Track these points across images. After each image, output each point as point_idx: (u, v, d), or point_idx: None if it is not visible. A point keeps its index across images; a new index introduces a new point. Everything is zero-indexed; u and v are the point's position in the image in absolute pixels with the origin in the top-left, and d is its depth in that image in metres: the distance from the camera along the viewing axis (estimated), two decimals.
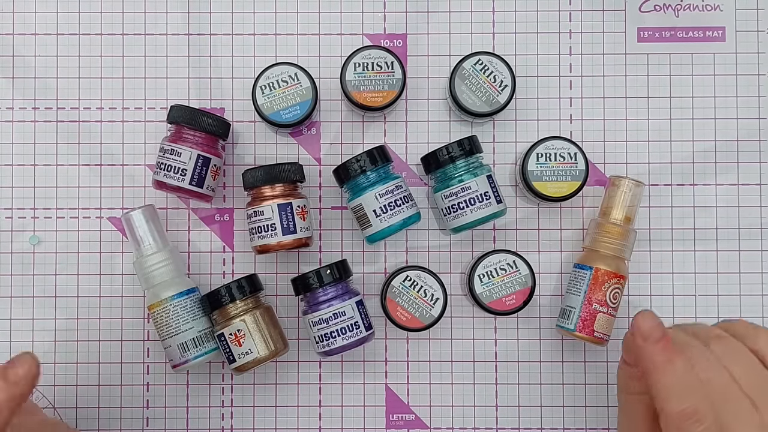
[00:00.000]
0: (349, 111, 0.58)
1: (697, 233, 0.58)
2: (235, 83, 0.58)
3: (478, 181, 0.53)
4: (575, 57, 0.59)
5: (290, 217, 0.52)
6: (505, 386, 0.58)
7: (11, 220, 0.58)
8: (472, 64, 0.55)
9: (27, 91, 0.58)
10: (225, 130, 0.55)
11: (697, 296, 0.58)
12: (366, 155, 0.53)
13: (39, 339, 0.57)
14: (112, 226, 0.58)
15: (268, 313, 0.54)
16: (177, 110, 0.54)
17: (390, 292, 0.55)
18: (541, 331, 0.58)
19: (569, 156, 0.55)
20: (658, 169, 0.58)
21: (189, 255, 0.58)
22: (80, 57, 0.58)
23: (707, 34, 0.59)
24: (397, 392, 0.58)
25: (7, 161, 0.58)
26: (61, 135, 0.58)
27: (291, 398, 0.58)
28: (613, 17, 0.59)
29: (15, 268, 0.58)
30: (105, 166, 0.58)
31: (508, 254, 0.55)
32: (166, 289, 0.53)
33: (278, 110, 0.55)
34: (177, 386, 0.57)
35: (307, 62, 0.58)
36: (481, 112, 0.55)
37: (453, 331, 0.58)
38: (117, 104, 0.58)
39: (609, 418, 0.57)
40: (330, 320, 0.52)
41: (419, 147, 0.58)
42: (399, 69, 0.55)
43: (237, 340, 0.52)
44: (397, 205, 0.52)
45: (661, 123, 0.58)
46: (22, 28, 0.58)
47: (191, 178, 0.53)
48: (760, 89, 0.58)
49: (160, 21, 0.58)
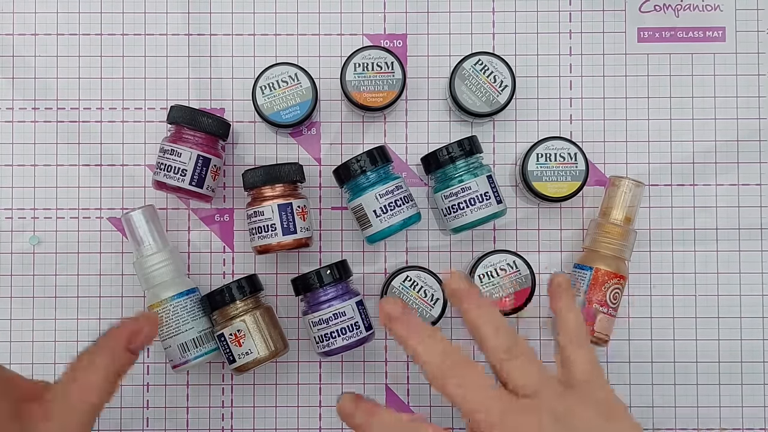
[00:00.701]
0: (349, 111, 0.58)
1: (697, 233, 0.58)
2: (235, 83, 0.58)
3: (478, 181, 0.53)
4: (575, 57, 0.59)
5: (290, 218, 0.52)
6: None
7: (11, 220, 0.58)
8: (472, 64, 0.55)
9: (27, 91, 0.58)
10: (225, 131, 0.55)
11: (697, 296, 0.58)
12: (366, 155, 0.53)
13: (39, 339, 0.57)
14: (112, 226, 0.58)
15: (268, 313, 0.54)
16: (177, 110, 0.54)
17: (390, 292, 0.55)
18: (541, 331, 0.58)
19: (569, 156, 0.55)
20: (658, 169, 0.58)
21: (189, 255, 0.58)
22: (80, 57, 0.58)
23: (707, 34, 0.59)
24: (397, 392, 0.58)
25: (7, 161, 0.58)
26: (61, 135, 0.58)
27: (291, 398, 0.58)
28: (613, 17, 0.59)
29: (15, 268, 0.58)
30: (105, 166, 0.58)
31: (508, 254, 0.55)
32: (166, 290, 0.53)
33: (278, 110, 0.55)
34: (177, 386, 0.57)
35: (307, 62, 0.58)
36: (481, 112, 0.55)
37: (453, 332, 0.58)
38: (117, 104, 0.58)
39: None
40: (330, 320, 0.52)
41: (419, 147, 0.58)
42: (399, 69, 0.55)
43: (237, 341, 0.52)
44: (397, 205, 0.52)
45: (661, 123, 0.58)
46: (22, 28, 0.58)
47: (191, 179, 0.53)
48: (760, 89, 0.58)
49: (160, 21, 0.58)
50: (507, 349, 0.42)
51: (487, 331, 0.42)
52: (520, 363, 0.42)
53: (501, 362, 0.42)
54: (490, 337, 0.42)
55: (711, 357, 0.57)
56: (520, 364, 0.41)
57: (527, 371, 0.41)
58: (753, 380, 0.57)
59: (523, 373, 0.41)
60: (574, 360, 0.43)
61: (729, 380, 0.57)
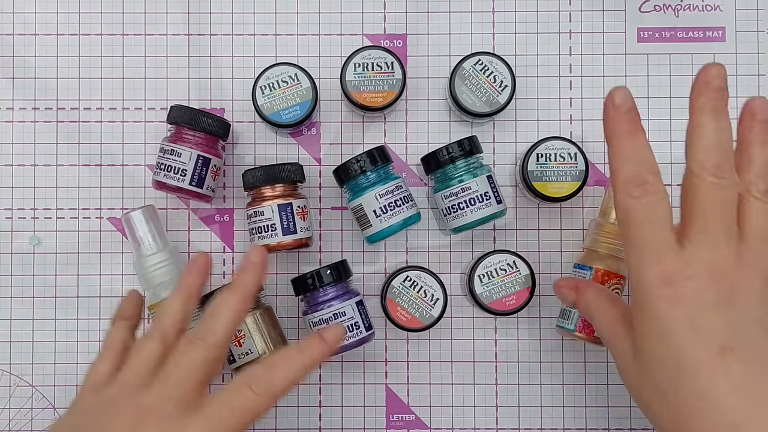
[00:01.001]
0: (349, 111, 0.58)
1: None
2: (235, 83, 0.58)
3: (478, 181, 0.53)
4: (575, 57, 0.59)
5: (290, 218, 0.52)
6: (505, 386, 0.58)
7: (11, 220, 0.58)
8: (472, 64, 0.55)
9: (27, 91, 0.58)
10: (225, 131, 0.55)
11: None
12: (366, 155, 0.53)
13: (39, 339, 0.57)
14: (112, 226, 0.58)
15: (268, 313, 0.54)
16: (177, 110, 0.54)
17: (390, 292, 0.55)
18: (541, 332, 0.58)
19: (569, 156, 0.55)
20: None
21: (189, 255, 0.58)
22: (80, 57, 0.58)
23: (707, 34, 0.59)
24: (397, 392, 0.58)
25: (7, 161, 0.58)
26: (61, 135, 0.58)
27: (291, 398, 0.58)
28: (613, 17, 0.59)
29: (15, 268, 0.58)
30: (105, 166, 0.58)
31: (508, 254, 0.55)
32: (166, 290, 0.53)
33: (278, 110, 0.55)
34: None
35: (307, 62, 0.58)
36: (481, 112, 0.55)
37: (453, 332, 0.58)
38: (117, 104, 0.58)
39: (609, 419, 0.57)
40: (330, 320, 0.52)
41: (419, 147, 0.58)
42: (399, 69, 0.55)
43: (237, 341, 0.52)
44: (397, 205, 0.53)
45: (661, 123, 0.58)
46: (22, 28, 0.58)
47: (191, 179, 0.53)
48: (760, 89, 0.58)
49: (160, 21, 0.58)
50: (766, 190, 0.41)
51: (760, 155, 0.41)
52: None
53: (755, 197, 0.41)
54: (758, 164, 0.41)
55: None
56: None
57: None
58: None
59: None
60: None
61: None
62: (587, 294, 0.48)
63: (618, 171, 0.41)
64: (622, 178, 0.41)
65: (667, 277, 0.40)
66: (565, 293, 0.50)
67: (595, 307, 0.47)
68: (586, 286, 0.49)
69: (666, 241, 0.40)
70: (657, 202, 0.41)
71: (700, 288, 0.39)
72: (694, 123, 0.41)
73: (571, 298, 0.50)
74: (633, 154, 0.41)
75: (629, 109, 0.41)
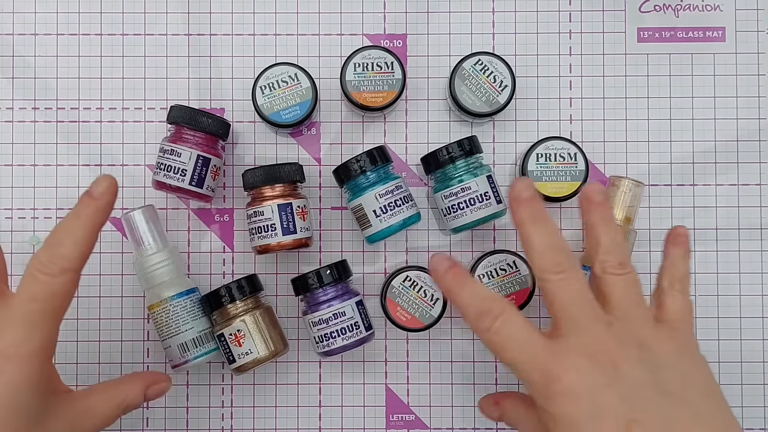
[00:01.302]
0: (349, 111, 0.58)
1: (697, 233, 0.58)
2: (235, 83, 0.58)
3: (478, 181, 0.53)
4: (575, 57, 0.59)
5: (290, 218, 0.52)
6: (505, 386, 0.58)
7: (11, 220, 0.58)
8: (472, 64, 0.55)
9: (27, 91, 0.58)
10: (225, 131, 0.55)
11: (697, 296, 0.58)
12: (366, 155, 0.53)
13: None
14: (112, 226, 0.58)
15: (268, 313, 0.54)
16: (177, 110, 0.54)
17: (390, 292, 0.55)
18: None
19: (569, 156, 0.55)
20: (658, 169, 0.58)
21: (189, 255, 0.58)
22: (80, 57, 0.58)
23: (707, 34, 0.59)
24: (397, 392, 0.58)
25: (7, 161, 0.58)
26: (61, 135, 0.58)
27: (291, 398, 0.58)
28: (613, 17, 0.59)
29: (15, 268, 0.58)
30: (105, 166, 0.58)
31: (508, 254, 0.55)
32: (166, 290, 0.53)
33: (278, 110, 0.55)
34: (177, 386, 0.57)
35: (307, 62, 0.58)
36: (481, 112, 0.55)
37: (453, 332, 0.58)
38: (117, 104, 0.58)
39: None
40: (330, 320, 0.52)
41: (419, 147, 0.58)
42: (399, 69, 0.55)
43: (237, 341, 0.52)
44: (397, 205, 0.53)
45: (661, 123, 0.58)
46: (22, 28, 0.58)
47: (191, 179, 0.53)
48: (760, 89, 0.58)
49: (160, 21, 0.58)
50: (620, 263, 0.44)
51: (604, 234, 0.44)
52: (627, 280, 0.44)
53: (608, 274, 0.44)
54: (605, 242, 0.44)
55: (711, 357, 0.57)
56: (627, 282, 0.44)
57: (631, 291, 0.44)
58: (753, 380, 0.57)
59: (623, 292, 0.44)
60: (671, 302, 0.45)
61: (729, 380, 0.57)
62: (504, 405, 0.49)
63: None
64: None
65: (553, 375, 0.41)
66: (488, 412, 0.51)
67: (514, 418, 0.48)
68: (503, 398, 0.50)
69: (538, 341, 0.42)
70: (507, 325, 0.43)
71: (586, 374, 0.40)
72: (521, 235, 0.44)
73: (495, 414, 0.50)
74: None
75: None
